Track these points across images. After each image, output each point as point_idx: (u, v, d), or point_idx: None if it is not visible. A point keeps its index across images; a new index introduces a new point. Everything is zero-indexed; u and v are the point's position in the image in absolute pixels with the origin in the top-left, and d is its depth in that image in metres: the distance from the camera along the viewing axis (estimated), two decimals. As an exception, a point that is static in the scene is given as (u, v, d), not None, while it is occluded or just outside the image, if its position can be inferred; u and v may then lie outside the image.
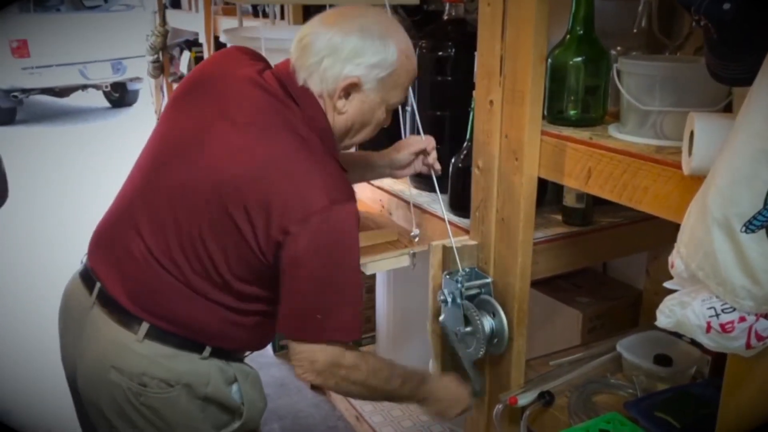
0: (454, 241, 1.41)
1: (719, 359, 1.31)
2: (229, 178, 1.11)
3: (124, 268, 1.19)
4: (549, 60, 1.30)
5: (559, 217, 1.55)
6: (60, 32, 6.85)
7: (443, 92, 1.73)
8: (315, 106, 1.19)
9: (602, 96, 1.31)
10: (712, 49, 0.85)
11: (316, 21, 1.21)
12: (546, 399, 1.36)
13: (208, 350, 1.20)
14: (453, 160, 1.60)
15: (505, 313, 1.36)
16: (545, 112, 1.32)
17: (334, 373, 1.19)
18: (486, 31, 1.31)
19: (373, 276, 2.45)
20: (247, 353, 1.33)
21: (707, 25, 0.82)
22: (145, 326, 1.17)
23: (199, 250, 1.14)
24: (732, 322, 0.83)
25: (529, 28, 1.21)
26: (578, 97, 1.31)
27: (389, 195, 1.81)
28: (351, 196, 1.16)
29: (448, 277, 1.40)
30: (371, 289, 2.49)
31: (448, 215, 1.60)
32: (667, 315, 0.90)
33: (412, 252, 1.66)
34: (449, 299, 1.38)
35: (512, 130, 1.29)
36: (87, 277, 1.25)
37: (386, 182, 1.88)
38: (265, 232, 1.10)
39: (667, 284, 0.91)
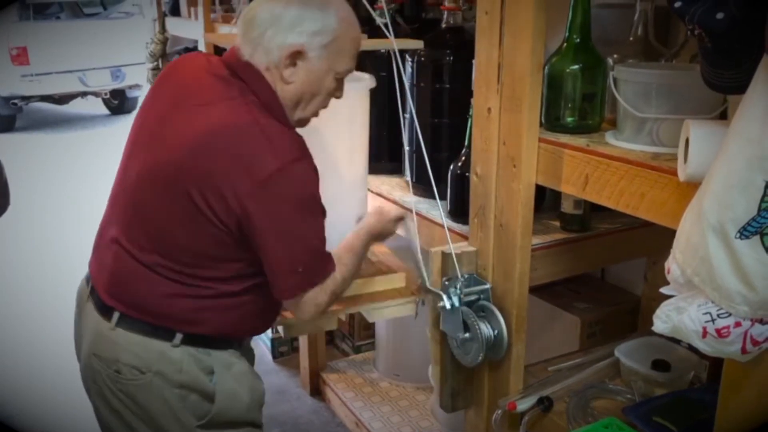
0: (453, 248, 1.42)
1: (717, 364, 1.32)
2: (178, 159, 1.17)
3: (103, 260, 1.27)
4: (546, 68, 1.31)
5: (557, 224, 1.56)
6: (59, 39, 6.88)
7: (441, 99, 1.74)
8: (260, 80, 1.22)
9: (599, 103, 1.32)
10: (706, 58, 0.86)
11: None
12: (545, 404, 1.37)
13: (179, 337, 1.23)
14: (451, 167, 1.61)
15: (504, 318, 1.37)
16: (543, 120, 1.33)
17: (331, 299, 1.30)
18: (484, 39, 1.32)
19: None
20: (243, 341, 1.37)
21: (701, 34, 0.83)
22: (116, 315, 1.23)
23: (164, 233, 1.20)
24: (728, 327, 0.84)
25: (526, 36, 1.22)
26: (575, 104, 1.32)
27: (388, 201, 1.82)
28: (304, 154, 1.21)
29: (447, 283, 1.41)
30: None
31: (447, 222, 1.62)
32: (663, 320, 0.91)
33: (420, 300, 1.62)
34: (448, 305, 1.39)
35: (510, 137, 1.30)
36: (88, 274, 1.34)
37: (384, 188, 1.89)
38: (223, 206, 1.15)
39: (663, 290, 0.92)
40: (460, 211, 1.57)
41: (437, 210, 1.70)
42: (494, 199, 1.37)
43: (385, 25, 1.44)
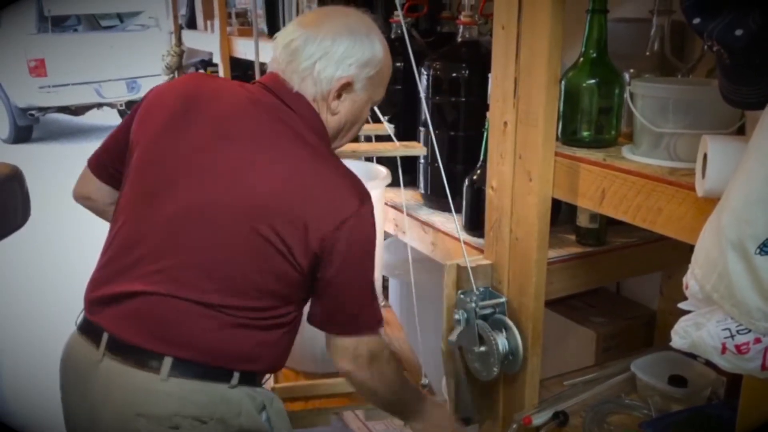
0: (469, 261, 1.42)
1: (735, 380, 1.31)
2: (252, 198, 1.13)
3: (132, 309, 1.14)
4: (563, 82, 1.32)
5: (573, 237, 1.56)
6: (76, 52, 6.98)
7: (457, 113, 1.75)
8: (311, 111, 1.22)
9: (615, 117, 1.32)
10: (725, 74, 0.86)
11: (297, 25, 1.24)
12: (560, 419, 1.37)
13: (236, 377, 1.15)
14: (467, 181, 1.61)
15: (520, 332, 1.36)
16: (559, 134, 1.34)
17: (372, 365, 1.25)
18: (500, 53, 1.33)
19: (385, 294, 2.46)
20: (267, 378, 1.33)
21: (720, 50, 0.83)
22: (168, 361, 1.11)
23: (220, 271, 1.13)
24: (747, 343, 0.83)
25: (543, 50, 1.22)
26: (592, 118, 1.32)
27: (401, 213, 1.83)
28: (368, 192, 1.21)
29: (462, 296, 1.41)
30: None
31: (462, 235, 1.62)
32: (682, 336, 0.91)
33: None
34: (463, 319, 1.39)
35: (526, 151, 1.31)
36: (89, 330, 1.18)
37: (398, 200, 1.90)
38: (302, 246, 1.13)
39: (681, 305, 0.91)
40: (475, 225, 1.57)
41: (452, 223, 1.71)
42: (510, 213, 1.37)
43: (401, 38, 1.47)
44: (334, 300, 1.21)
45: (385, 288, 2.51)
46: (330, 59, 1.19)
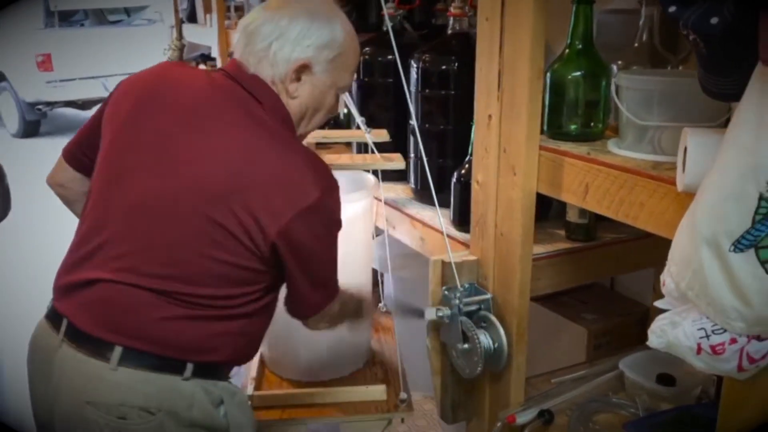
0: (453, 256, 1.40)
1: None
2: (207, 185, 1.11)
3: (90, 296, 1.13)
4: (548, 74, 1.29)
5: (563, 233, 1.53)
6: (83, 46, 7.00)
7: (447, 106, 1.72)
8: (272, 95, 1.20)
9: (602, 110, 1.30)
10: (702, 64, 0.83)
11: (258, 9, 1.24)
12: (545, 417, 1.34)
13: (190, 369, 1.12)
14: (455, 175, 1.59)
15: (505, 329, 1.34)
16: (545, 127, 1.31)
17: (339, 314, 1.31)
18: (484, 45, 1.30)
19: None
20: (232, 374, 1.30)
21: (696, 39, 0.80)
22: (118, 350, 1.09)
23: (183, 258, 1.12)
24: (723, 343, 0.81)
25: (526, 43, 1.19)
26: (578, 111, 1.29)
27: (393, 209, 1.80)
28: (334, 179, 1.19)
29: (446, 292, 1.38)
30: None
31: (450, 230, 1.60)
32: (658, 335, 0.88)
33: (389, 419, 1.56)
34: (447, 315, 1.36)
35: (510, 144, 1.28)
36: (52, 316, 1.18)
37: (390, 194, 1.87)
38: (260, 235, 1.11)
39: (658, 303, 0.89)
40: (463, 220, 1.55)
41: (442, 218, 1.69)
42: (495, 208, 1.34)
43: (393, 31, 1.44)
44: (295, 290, 1.22)
45: (381, 284, 2.49)
46: (286, 40, 1.18)
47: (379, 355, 1.78)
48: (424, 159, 1.45)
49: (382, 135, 1.71)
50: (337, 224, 1.21)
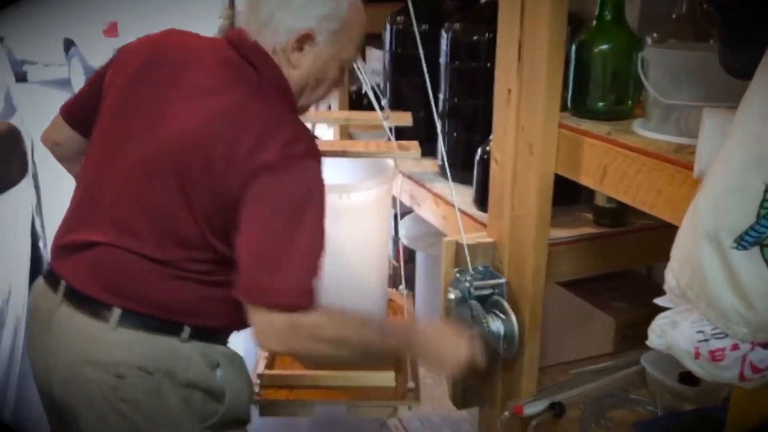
0: (467, 238, 1.34)
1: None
2: (190, 137, 1.09)
3: (89, 259, 1.14)
4: (574, 47, 1.20)
5: (591, 217, 1.45)
6: (147, 14, 7.13)
7: (477, 79, 1.64)
8: (271, 65, 1.16)
9: (632, 88, 1.20)
10: (720, 36, 0.74)
11: None
12: (556, 410, 1.28)
13: (187, 331, 1.13)
14: (479, 152, 1.52)
15: (517, 316, 1.28)
16: (570, 104, 1.23)
17: (295, 336, 1.07)
18: (506, 14, 1.22)
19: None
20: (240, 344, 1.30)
21: (711, 8, 0.71)
22: (117, 312, 1.10)
23: (164, 223, 1.11)
24: (723, 349, 0.73)
25: (546, 11, 1.11)
26: (605, 88, 1.20)
27: (418, 185, 1.75)
28: (316, 151, 1.13)
29: (458, 275, 1.33)
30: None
31: (471, 209, 1.54)
32: (659, 335, 0.81)
33: (394, 406, 1.50)
34: (458, 298, 1.31)
35: (529, 121, 1.20)
36: (51, 277, 1.18)
37: (415, 170, 1.81)
38: (230, 195, 1.06)
39: (658, 301, 0.81)
40: (485, 200, 1.47)
41: (467, 197, 1.62)
42: (512, 188, 1.27)
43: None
44: (249, 244, 1.07)
45: (412, 260, 2.45)
46: (289, 9, 1.15)
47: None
48: (439, 132, 1.38)
49: (405, 119, 1.65)
50: (306, 201, 1.07)
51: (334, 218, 1.48)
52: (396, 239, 2.45)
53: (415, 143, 1.54)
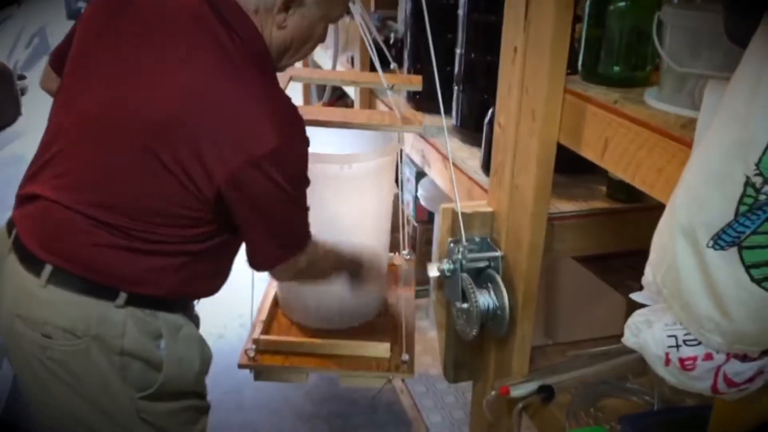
0: (465, 206, 1.26)
1: None
2: (156, 114, 1.01)
3: (31, 212, 1.10)
4: (588, 3, 1.09)
5: (605, 189, 1.34)
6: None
7: (496, 34, 1.52)
8: (249, 26, 1.07)
9: (650, 51, 1.08)
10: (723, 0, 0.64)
11: None
12: (545, 394, 1.21)
13: (123, 297, 1.06)
14: (489, 113, 1.42)
15: (510, 292, 1.20)
16: (580, 67, 1.12)
17: (309, 270, 1.23)
18: (515, -37, 1.11)
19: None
20: (196, 304, 1.26)
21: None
22: (48, 269, 1.05)
23: (121, 188, 1.05)
24: (694, 358, 0.64)
25: (555, -39, 1.00)
26: (620, 50, 1.09)
27: (429, 146, 1.66)
28: (301, 128, 1.07)
29: (451, 245, 1.25)
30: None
31: (478, 174, 1.46)
32: (633, 333, 0.73)
33: (389, 377, 1.49)
34: (448, 269, 1.24)
35: (533, 84, 1.10)
36: (9, 223, 1.15)
37: (428, 132, 1.72)
38: (204, 176, 1.01)
39: (633, 296, 0.73)
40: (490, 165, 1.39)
41: (475, 160, 1.54)
42: (513, 156, 1.18)
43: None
44: (249, 241, 1.13)
45: (431, 220, 2.38)
46: None
47: (393, 308, 1.69)
48: (438, 90, 1.28)
49: (415, 82, 1.56)
50: (300, 179, 1.09)
51: (336, 189, 1.43)
52: (415, 198, 2.38)
53: (419, 116, 1.47)
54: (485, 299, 1.20)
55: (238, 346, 1.55)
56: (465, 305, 1.22)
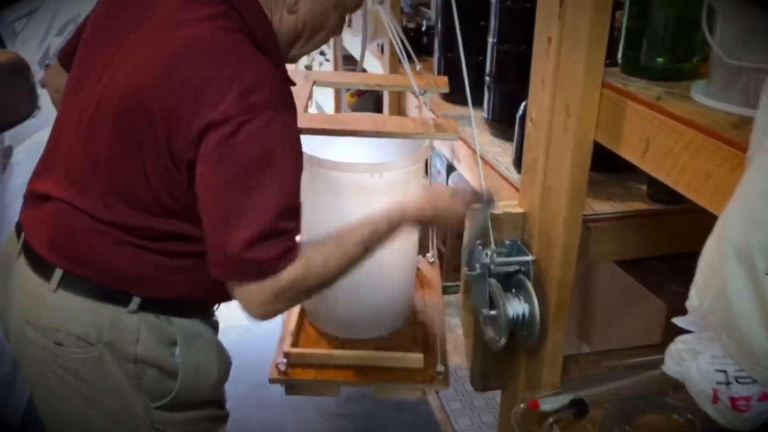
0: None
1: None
2: (133, 84, 0.95)
3: (40, 212, 1.05)
4: (630, -11, 1.00)
5: (645, 189, 1.25)
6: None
7: (530, 22, 1.43)
8: (254, 6, 1.00)
9: (700, 40, 0.99)
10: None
11: None
12: (577, 408, 1.13)
13: (136, 302, 1.02)
14: (522, 106, 1.33)
15: (542, 300, 1.12)
16: (620, 59, 1.03)
17: (280, 298, 0.95)
18: (551, -54, 1.02)
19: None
20: (214, 308, 1.19)
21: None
22: (58, 273, 1.01)
23: (119, 181, 0.99)
24: (748, 398, 0.57)
25: (594, -57, 0.91)
26: (665, 40, 1.00)
27: (460, 140, 1.58)
28: (291, 104, 0.98)
29: (480, 248, 1.18)
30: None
31: (510, 171, 1.38)
32: (676, 362, 0.65)
33: (424, 389, 1.45)
34: (477, 274, 1.16)
35: (568, 77, 1.02)
36: (18, 225, 1.11)
37: (464, 121, 1.65)
38: (177, 145, 0.93)
39: (677, 320, 0.65)
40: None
41: (507, 156, 1.46)
42: (546, 154, 1.10)
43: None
44: (207, 231, 0.95)
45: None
46: None
47: (422, 315, 1.63)
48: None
49: (441, 84, 1.49)
50: (265, 163, 0.92)
51: (365, 197, 1.38)
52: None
53: (453, 123, 1.41)
54: (514, 307, 1.12)
55: (264, 340, 1.52)
56: (493, 312, 1.15)
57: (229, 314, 1.26)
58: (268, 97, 0.93)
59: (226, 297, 1.08)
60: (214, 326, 1.21)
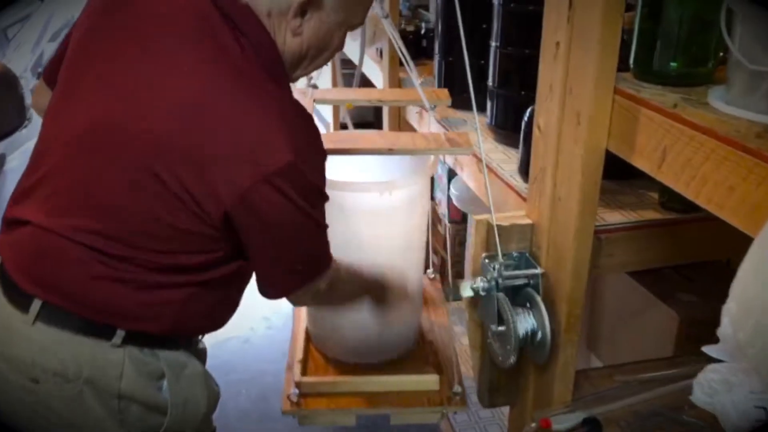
0: (499, 218, 1.14)
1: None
2: (149, 131, 0.91)
3: (19, 239, 1.00)
4: (642, -10, 0.96)
5: (657, 197, 1.21)
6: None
7: (535, 26, 1.39)
8: (260, 31, 0.96)
9: (716, 43, 0.94)
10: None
11: None
12: (590, 427, 1.08)
13: (120, 335, 0.97)
14: (527, 113, 1.29)
15: (552, 315, 1.08)
16: (633, 63, 0.99)
17: (330, 293, 1.16)
18: (558, -53, 0.98)
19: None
20: (201, 338, 1.15)
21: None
22: (37, 304, 0.95)
23: (114, 210, 0.94)
24: (790, 438, 0.52)
25: (604, -57, 0.87)
26: (680, 43, 0.95)
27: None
28: (316, 137, 0.97)
29: (486, 261, 1.13)
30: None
31: (515, 180, 1.33)
32: (706, 393, 0.61)
33: (443, 411, 1.42)
34: (482, 288, 1.12)
35: (578, 83, 0.97)
36: None
37: (468, 128, 1.60)
38: (209, 195, 0.91)
39: (706, 349, 0.60)
40: (528, 170, 1.26)
41: (512, 163, 1.41)
42: (555, 163, 1.06)
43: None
44: (259, 269, 1.03)
45: (464, 219, 2.25)
46: None
47: (430, 334, 1.58)
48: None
49: (443, 97, 1.47)
50: (316, 194, 1.00)
51: (374, 216, 1.35)
52: (448, 197, 2.26)
53: (466, 136, 1.38)
54: (523, 323, 1.08)
55: (264, 351, 1.48)
56: (501, 328, 1.10)
57: (228, 326, 1.22)
58: (312, 140, 0.98)
59: (212, 329, 1.10)
60: (202, 353, 1.18)
